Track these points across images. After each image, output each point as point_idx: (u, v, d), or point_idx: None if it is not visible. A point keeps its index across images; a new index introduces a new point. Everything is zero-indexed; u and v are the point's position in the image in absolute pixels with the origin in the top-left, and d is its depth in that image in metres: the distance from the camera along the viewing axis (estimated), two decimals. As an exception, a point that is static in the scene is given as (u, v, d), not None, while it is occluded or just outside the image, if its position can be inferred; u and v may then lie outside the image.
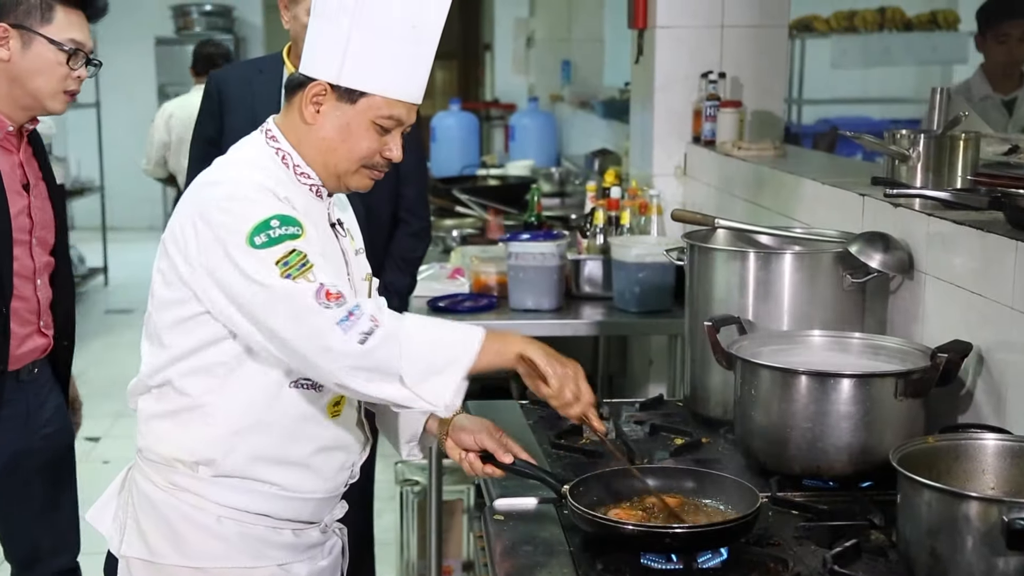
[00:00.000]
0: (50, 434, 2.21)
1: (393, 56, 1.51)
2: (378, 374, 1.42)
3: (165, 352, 1.56)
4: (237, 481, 1.56)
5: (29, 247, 2.06)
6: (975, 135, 2.07)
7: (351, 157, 1.55)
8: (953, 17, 7.11)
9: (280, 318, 1.44)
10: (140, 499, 1.59)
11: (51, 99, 2.03)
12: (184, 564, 1.56)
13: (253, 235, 1.45)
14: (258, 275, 1.44)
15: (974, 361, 1.74)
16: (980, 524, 1.28)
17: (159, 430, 1.58)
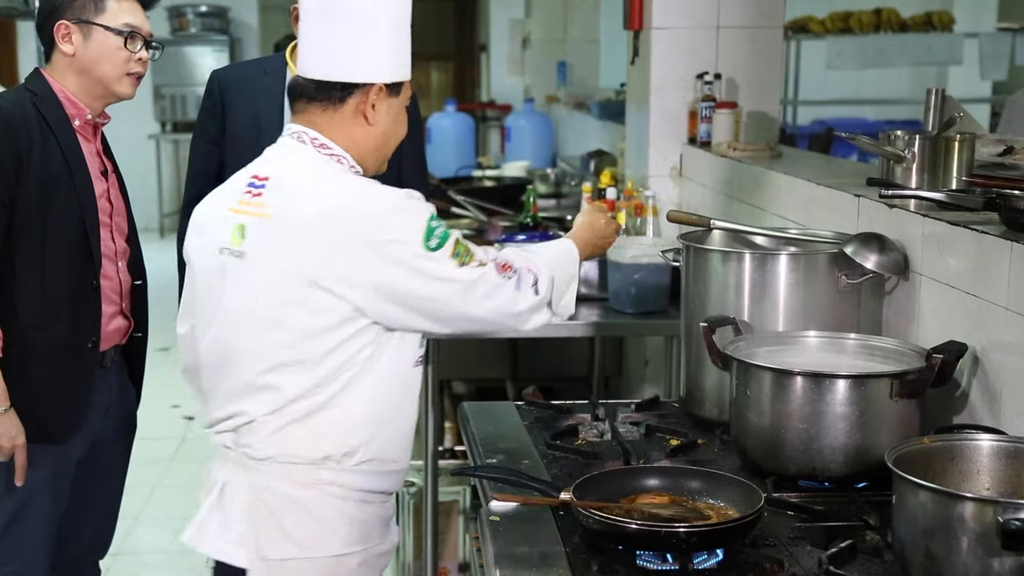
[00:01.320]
0: (122, 429, 2.30)
1: (406, 46, 1.69)
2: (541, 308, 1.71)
3: (315, 372, 1.60)
4: (376, 464, 1.67)
5: (110, 230, 2.17)
6: (970, 136, 2.08)
7: (397, 141, 1.73)
8: (948, 18, 7.12)
9: (477, 303, 1.62)
10: (280, 503, 1.64)
11: (118, 83, 2.14)
12: (337, 553, 1.65)
13: (426, 241, 1.58)
14: (445, 273, 1.59)
15: (969, 362, 1.74)
16: (975, 525, 1.28)
17: (300, 435, 1.62)
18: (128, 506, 2.52)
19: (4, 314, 2.04)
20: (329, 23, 1.61)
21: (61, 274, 2.07)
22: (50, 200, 2.04)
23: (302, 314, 1.58)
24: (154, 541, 3.69)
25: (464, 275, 1.60)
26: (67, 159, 2.06)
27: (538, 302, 1.68)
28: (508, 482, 1.66)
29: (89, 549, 2.32)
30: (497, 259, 1.65)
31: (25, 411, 2.06)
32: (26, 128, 2.03)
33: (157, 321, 2.38)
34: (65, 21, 2.09)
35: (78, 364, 2.11)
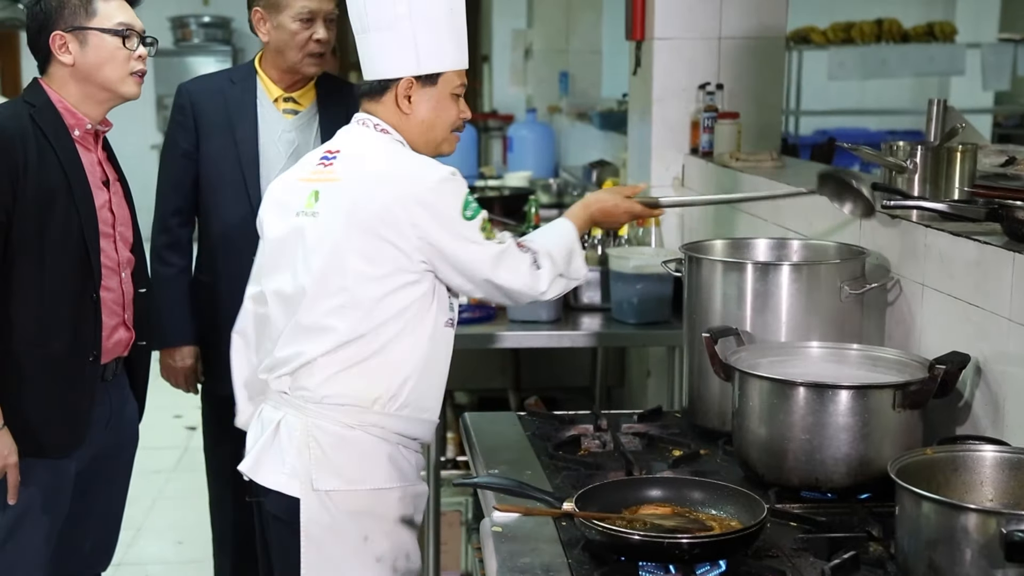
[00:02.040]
0: (124, 441, 2.29)
1: (447, 38, 1.88)
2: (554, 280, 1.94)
3: (368, 316, 1.83)
4: (411, 410, 1.89)
5: (113, 240, 2.15)
6: (972, 147, 2.08)
7: (445, 126, 1.94)
8: (950, 29, 7.13)
9: (504, 272, 1.88)
10: (330, 440, 1.85)
11: (121, 84, 2.13)
12: (379, 486, 1.87)
13: (464, 210, 1.85)
14: (477, 240, 1.86)
15: (972, 373, 1.74)
16: (978, 536, 1.28)
17: (349, 380, 1.85)
18: (130, 517, 2.51)
19: (3, 329, 2.03)
20: (364, 32, 1.89)
21: (60, 288, 2.05)
22: (48, 214, 2.03)
23: (360, 260, 1.82)
24: (156, 552, 3.69)
25: (491, 246, 1.86)
26: (66, 172, 2.05)
27: (550, 273, 1.92)
28: (510, 492, 1.66)
29: (91, 561, 2.32)
30: (518, 241, 1.94)
31: (24, 427, 2.05)
32: (22, 142, 2.01)
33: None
34: (59, 31, 2.07)
35: (78, 379, 2.10)
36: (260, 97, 2.60)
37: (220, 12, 9.23)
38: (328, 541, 1.84)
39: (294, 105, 2.60)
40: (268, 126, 2.57)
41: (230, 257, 2.49)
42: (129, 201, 2.24)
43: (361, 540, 1.85)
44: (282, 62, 2.56)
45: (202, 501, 2.76)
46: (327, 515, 1.83)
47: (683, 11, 3.33)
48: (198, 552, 3.60)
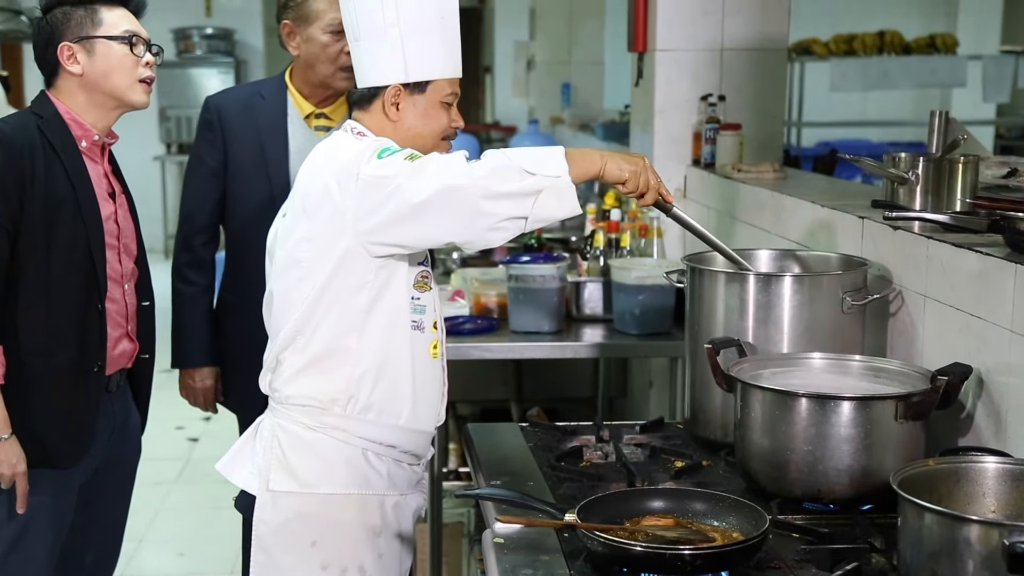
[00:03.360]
0: (127, 452, 2.29)
1: (437, 45, 1.85)
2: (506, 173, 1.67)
3: (306, 313, 1.81)
4: (375, 415, 1.83)
5: (118, 252, 2.16)
6: (974, 158, 2.08)
7: (434, 134, 1.88)
8: (952, 41, 7.15)
9: (432, 178, 1.68)
10: (290, 441, 1.84)
11: (130, 91, 2.13)
12: (333, 492, 1.83)
13: (380, 154, 1.74)
14: (395, 165, 1.71)
15: (974, 384, 1.74)
16: (981, 548, 1.28)
17: (308, 379, 1.83)
18: (132, 528, 2.51)
19: (8, 339, 2.03)
20: (356, 41, 1.88)
21: (66, 299, 2.06)
22: (55, 225, 2.04)
23: (308, 248, 1.80)
24: (158, 563, 3.68)
25: (414, 162, 1.72)
26: (73, 183, 2.06)
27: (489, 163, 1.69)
28: (512, 503, 1.66)
29: (93, 572, 2.32)
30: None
31: (30, 437, 2.05)
32: (30, 153, 2.02)
33: (161, 342, 2.38)
34: (67, 43, 2.09)
35: (83, 389, 2.10)
36: (291, 114, 2.53)
37: (223, 24, 9.27)
38: (275, 542, 1.83)
39: (326, 121, 2.54)
40: (299, 144, 2.48)
41: (257, 276, 2.46)
42: (133, 214, 2.25)
43: (308, 545, 1.82)
44: (313, 76, 2.50)
45: (203, 512, 2.77)
46: (278, 516, 1.83)
47: (685, 23, 3.34)
48: (199, 564, 3.60)
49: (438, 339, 1.90)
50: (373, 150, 1.76)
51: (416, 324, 1.84)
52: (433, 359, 1.89)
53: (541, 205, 1.68)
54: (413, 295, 1.83)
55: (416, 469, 1.93)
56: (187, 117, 9.05)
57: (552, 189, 1.67)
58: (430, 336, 1.87)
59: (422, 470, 1.96)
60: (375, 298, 1.80)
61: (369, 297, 1.80)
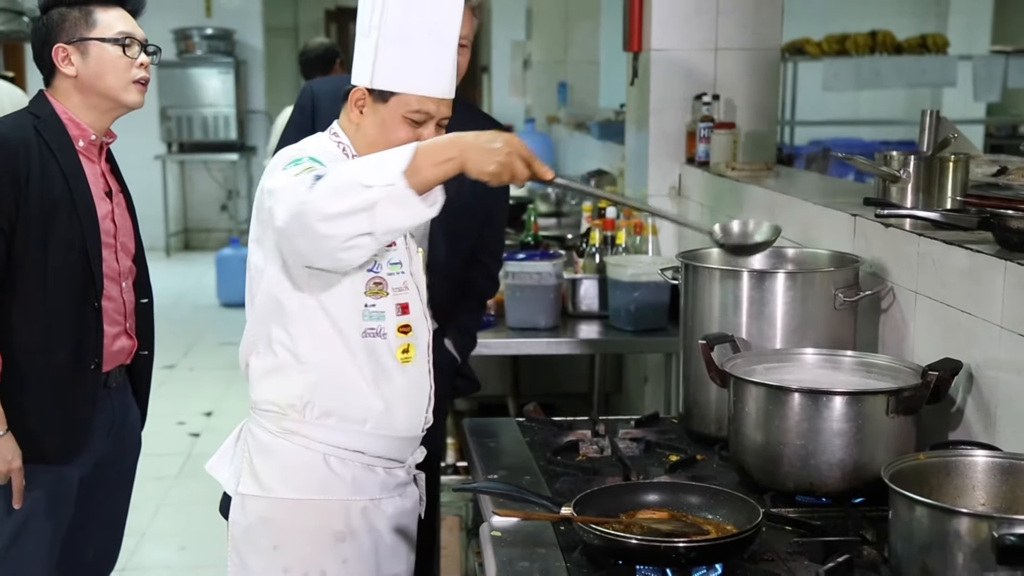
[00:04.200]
0: (127, 448, 2.30)
1: (414, 59, 1.75)
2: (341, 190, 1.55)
3: (257, 311, 1.80)
4: (336, 421, 1.79)
5: (114, 250, 2.17)
6: (964, 157, 2.10)
7: (389, 148, 1.69)
8: (943, 41, 7.18)
9: (281, 203, 1.61)
10: (255, 445, 1.83)
11: (124, 92, 2.13)
12: (292, 496, 1.80)
13: (287, 166, 1.68)
14: (274, 183, 1.65)
15: (964, 379, 1.76)
16: (971, 540, 1.30)
17: (268, 383, 1.81)
18: (133, 523, 2.52)
19: (5, 337, 2.04)
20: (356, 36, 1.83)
21: (62, 297, 2.07)
22: (51, 224, 2.04)
23: (255, 251, 1.80)
24: (160, 557, 3.70)
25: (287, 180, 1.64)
26: (69, 182, 2.06)
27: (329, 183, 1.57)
28: (509, 497, 1.68)
29: (94, 567, 2.33)
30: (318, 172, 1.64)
31: (27, 434, 2.06)
32: (26, 153, 2.03)
33: (163, 339, 2.39)
34: (61, 44, 2.09)
35: (80, 386, 2.11)
36: None
37: (223, 24, 9.28)
38: (244, 544, 1.83)
39: None
40: None
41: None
42: (131, 212, 2.25)
43: (271, 548, 1.80)
44: None
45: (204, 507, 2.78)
46: (246, 518, 1.83)
47: (680, 23, 3.36)
48: (201, 557, 3.62)
49: (410, 343, 1.82)
50: (286, 159, 1.71)
51: (372, 331, 1.77)
52: (403, 364, 1.81)
53: (383, 217, 1.54)
54: (366, 303, 1.76)
55: (397, 473, 1.87)
56: (187, 116, 9.05)
57: (389, 199, 1.53)
58: (397, 341, 1.80)
59: (406, 473, 1.89)
60: (315, 307, 1.76)
61: (308, 306, 1.76)
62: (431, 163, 1.55)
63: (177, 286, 7.57)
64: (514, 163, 1.58)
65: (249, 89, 9.45)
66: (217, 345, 6.05)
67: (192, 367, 5.76)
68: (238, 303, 2.19)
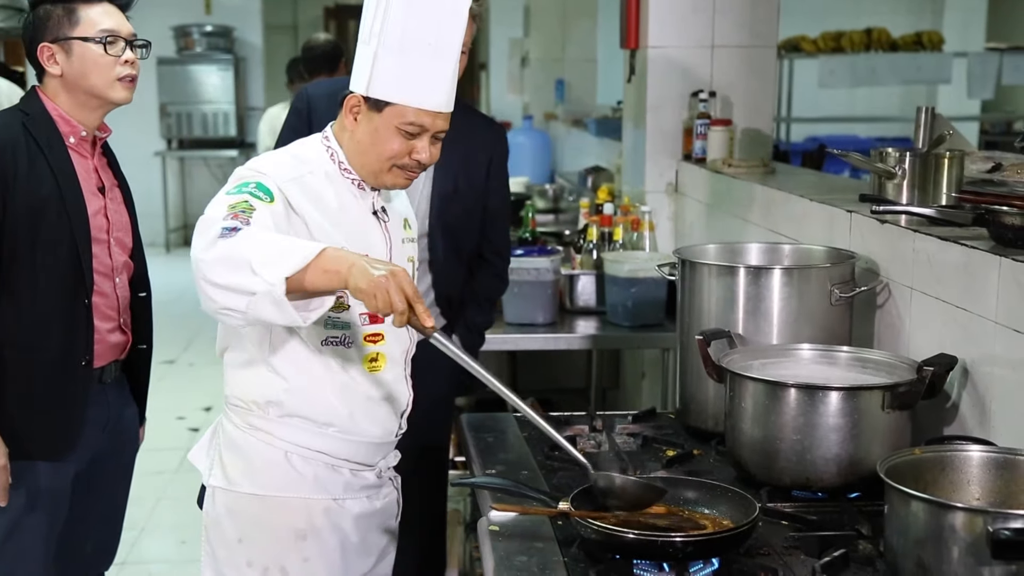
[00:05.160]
0: (124, 442, 2.29)
1: (412, 70, 1.73)
2: (233, 263, 1.54)
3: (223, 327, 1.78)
4: (299, 421, 1.79)
5: (107, 246, 2.15)
6: (959, 153, 2.11)
7: (380, 158, 1.76)
8: (938, 38, 7.19)
9: (195, 238, 1.60)
10: (224, 438, 1.84)
11: (109, 90, 2.11)
12: (255, 492, 1.80)
13: (231, 191, 1.66)
14: (210, 209, 1.63)
15: (959, 374, 1.77)
16: (965, 534, 1.31)
17: (237, 378, 1.81)
18: (133, 517, 2.52)
19: None
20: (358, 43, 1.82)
21: (52, 295, 2.06)
22: (39, 222, 2.03)
23: None
24: (159, 551, 3.70)
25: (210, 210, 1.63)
26: (57, 180, 2.05)
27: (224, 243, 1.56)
28: (507, 492, 1.68)
29: (93, 561, 2.33)
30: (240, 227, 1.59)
31: (17, 431, 2.06)
32: (12, 152, 2.02)
33: (163, 334, 2.38)
34: (46, 43, 2.08)
35: (71, 383, 2.10)
36: None
37: (222, 21, 9.28)
38: (213, 535, 1.85)
39: None
40: None
41: None
42: (129, 207, 2.24)
43: (235, 541, 1.81)
44: None
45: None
46: (214, 510, 1.84)
47: (676, 20, 3.37)
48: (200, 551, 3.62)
49: (380, 352, 1.80)
50: (239, 177, 1.70)
51: (335, 340, 1.76)
52: (371, 372, 1.80)
53: (256, 309, 1.54)
54: (329, 314, 1.69)
55: (364, 475, 1.84)
56: (187, 113, 9.06)
57: (266, 296, 1.52)
58: (364, 350, 1.78)
59: (376, 476, 1.86)
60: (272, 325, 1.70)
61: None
62: (322, 274, 1.54)
63: (177, 282, 7.54)
64: (390, 292, 1.52)
65: (248, 86, 9.45)
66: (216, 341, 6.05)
67: (192, 362, 5.77)
68: (237, 299, 2.19)
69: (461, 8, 1.74)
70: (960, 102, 7.57)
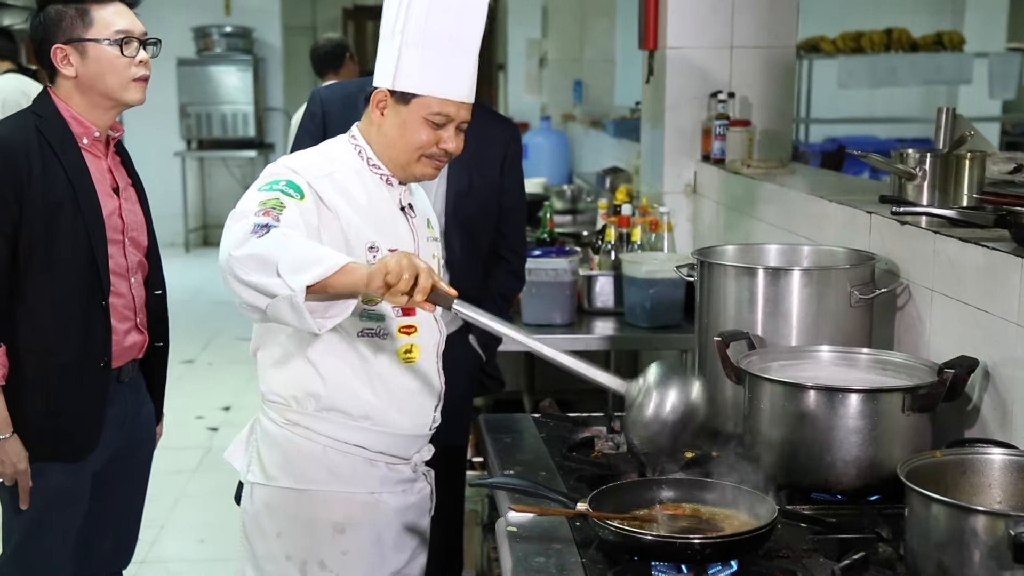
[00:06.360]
0: (141, 440, 2.31)
1: (435, 63, 1.80)
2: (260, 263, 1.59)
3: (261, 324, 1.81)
4: (337, 415, 1.83)
5: (123, 246, 2.16)
6: (980, 154, 2.10)
7: (409, 148, 1.83)
8: (958, 38, 7.15)
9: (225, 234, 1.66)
10: (263, 435, 1.88)
11: (124, 91, 2.11)
12: (293, 486, 1.84)
13: (263, 188, 1.73)
14: (241, 203, 1.70)
15: (980, 377, 1.76)
16: (987, 538, 1.30)
17: (273, 375, 1.85)
18: (152, 516, 2.53)
19: (12, 338, 2.05)
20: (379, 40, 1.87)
21: (69, 297, 2.07)
22: (55, 225, 2.04)
23: None
24: (178, 550, 3.72)
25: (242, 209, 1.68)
26: (72, 182, 2.05)
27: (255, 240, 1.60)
28: (525, 493, 1.69)
29: (111, 559, 2.34)
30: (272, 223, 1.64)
31: (36, 433, 2.07)
32: (26, 155, 2.02)
33: (181, 334, 2.39)
34: (59, 45, 2.07)
35: (90, 385, 2.11)
36: None
37: (242, 22, 9.34)
38: (252, 530, 1.88)
39: None
40: None
41: None
42: (144, 206, 2.24)
43: (275, 535, 1.85)
44: None
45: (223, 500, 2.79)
46: (253, 505, 1.88)
47: (695, 21, 3.36)
48: (219, 550, 3.64)
49: (414, 344, 1.84)
50: (270, 175, 1.75)
51: (370, 331, 1.80)
52: (407, 364, 1.84)
53: (275, 310, 1.58)
54: (364, 305, 1.76)
55: (400, 468, 1.88)
56: (207, 114, 9.12)
57: (286, 299, 1.56)
58: (398, 342, 1.82)
59: (412, 470, 1.91)
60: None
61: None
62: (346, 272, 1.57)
63: (196, 281, 7.61)
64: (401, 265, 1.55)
65: (267, 86, 9.50)
66: (235, 340, 6.05)
67: (211, 362, 5.80)
68: (256, 299, 2.20)
69: (480, 3, 1.80)
70: (981, 103, 7.52)
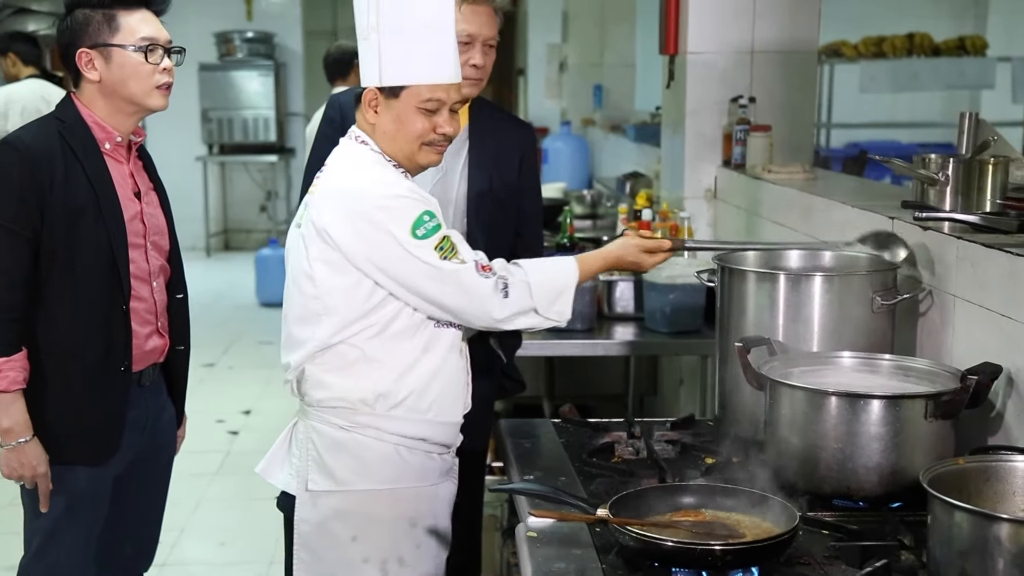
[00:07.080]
0: (162, 444, 2.32)
1: (416, 51, 1.84)
2: (521, 314, 1.88)
3: (337, 321, 1.85)
4: (404, 411, 1.88)
5: (144, 251, 2.17)
6: (1004, 159, 2.09)
7: (409, 140, 1.88)
8: (981, 43, 7.10)
9: (450, 294, 1.83)
10: (325, 442, 1.89)
11: (147, 98, 2.12)
12: (370, 488, 1.88)
13: (415, 228, 1.81)
14: (426, 258, 1.81)
15: (1004, 383, 1.75)
16: (1011, 546, 1.29)
17: (337, 382, 1.88)
18: (173, 519, 2.55)
19: (34, 342, 2.06)
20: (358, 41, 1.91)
21: (91, 301, 2.07)
22: (77, 230, 2.05)
23: (327, 270, 1.85)
24: (199, 553, 3.74)
25: (446, 267, 1.82)
26: (94, 187, 2.06)
27: (517, 305, 1.87)
28: (545, 498, 1.69)
29: (132, 562, 2.35)
30: (479, 260, 1.86)
31: (57, 437, 2.08)
32: (49, 161, 2.03)
33: (202, 338, 2.41)
34: (84, 49, 2.07)
35: (111, 389, 2.12)
36: None
37: (263, 28, 9.40)
38: (317, 540, 1.89)
39: None
40: None
41: None
42: (166, 210, 2.25)
43: (349, 540, 1.87)
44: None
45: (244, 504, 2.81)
46: (318, 514, 1.89)
47: (716, 25, 3.36)
48: (240, 554, 3.66)
49: (464, 331, 1.93)
50: (403, 216, 1.81)
51: (444, 321, 1.89)
52: (460, 352, 1.93)
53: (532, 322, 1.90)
54: None
55: (446, 458, 1.97)
56: (228, 119, 9.17)
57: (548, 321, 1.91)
58: (463, 331, 1.92)
59: (452, 458, 1.99)
60: (398, 310, 1.85)
61: (392, 309, 1.85)
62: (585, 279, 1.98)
63: (217, 286, 7.63)
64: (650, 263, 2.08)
65: (288, 91, 9.55)
66: (256, 344, 6.10)
67: (231, 366, 5.82)
68: (277, 303, 2.20)
69: None
70: (1004, 107, 7.45)
